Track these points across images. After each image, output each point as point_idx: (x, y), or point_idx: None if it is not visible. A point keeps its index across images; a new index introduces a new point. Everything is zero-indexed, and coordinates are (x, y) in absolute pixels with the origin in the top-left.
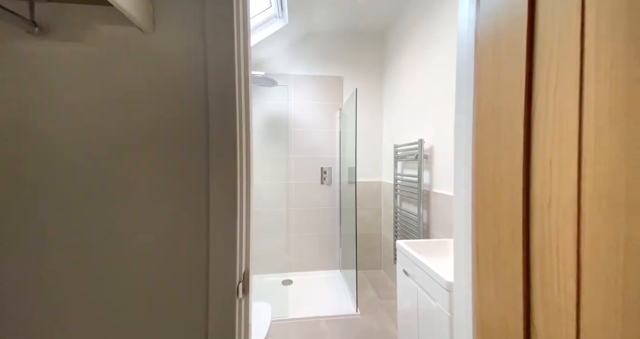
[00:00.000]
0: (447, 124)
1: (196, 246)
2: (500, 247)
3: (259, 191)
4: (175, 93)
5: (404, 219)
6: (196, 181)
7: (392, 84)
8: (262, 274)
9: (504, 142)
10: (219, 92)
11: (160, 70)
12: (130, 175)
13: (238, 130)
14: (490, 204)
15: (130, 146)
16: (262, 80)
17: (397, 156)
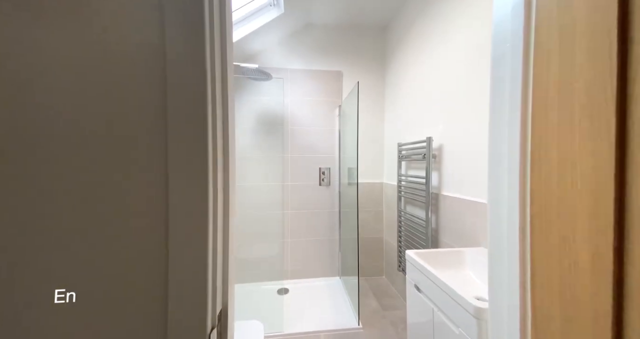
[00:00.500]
0: (459, 120)
1: (148, 279)
2: (574, 276)
3: (252, 193)
4: (126, 88)
5: (409, 223)
6: (147, 187)
7: (394, 79)
8: (256, 282)
9: (579, 136)
10: (182, 86)
11: (111, 65)
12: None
13: (211, 127)
14: (555, 218)
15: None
16: (256, 73)
17: (401, 156)
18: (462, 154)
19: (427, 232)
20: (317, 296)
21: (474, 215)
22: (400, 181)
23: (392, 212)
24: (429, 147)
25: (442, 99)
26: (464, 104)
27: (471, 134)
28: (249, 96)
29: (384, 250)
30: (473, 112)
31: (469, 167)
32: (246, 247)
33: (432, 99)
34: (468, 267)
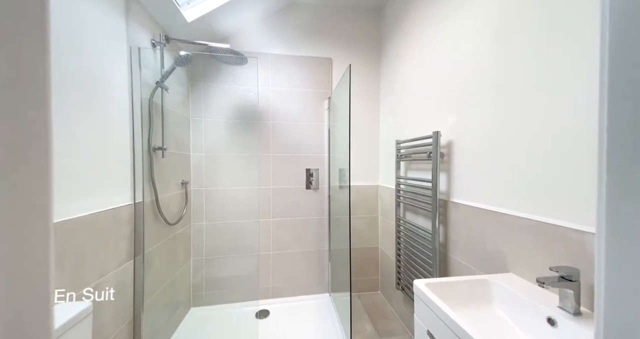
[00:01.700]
0: (477, 109)
1: None
2: None
3: (226, 199)
4: None
5: (411, 234)
6: None
7: (392, 67)
8: (230, 303)
9: None
10: None
11: None
12: None
13: None
14: None
15: None
16: (227, 55)
17: (400, 155)
18: (482, 151)
19: (433, 247)
20: (303, 318)
21: (499, 231)
22: (399, 185)
23: (389, 220)
24: (437, 144)
25: (453, 85)
26: (486, 88)
27: (495, 125)
28: (221, 83)
29: (380, 262)
30: (500, 97)
31: (491, 169)
32: (218, 262)
33: (439, 86)
34: (496, 303)
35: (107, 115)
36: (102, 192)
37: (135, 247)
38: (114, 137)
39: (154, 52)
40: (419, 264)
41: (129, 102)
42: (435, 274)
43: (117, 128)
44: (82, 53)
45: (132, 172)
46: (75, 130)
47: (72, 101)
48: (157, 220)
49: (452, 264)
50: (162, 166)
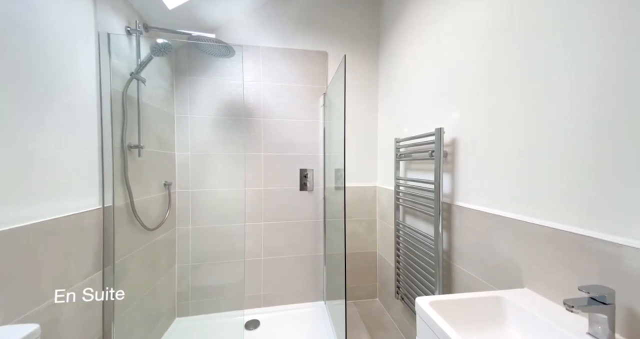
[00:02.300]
0: (485, 104)
1: None
2: None
3: (214, 201)
4: None
5: (411, 240)
6: None
7: (391, 62)
8: (219, 312)
9: None
10: None
11: None
12: None
13: None
14: None
15: None
16: (213, 46)
17: (400, 154)
18: (491, 150)
19: (436, 254)
20: (295, 328)
21: (513, 240)
22: (399, 186)
23: (388, 224)
24: (440, 142)
25: (458, 77)
26: (496, 79)
27: (507, 120)
28: (208, 77)
29: (378, 268)
30: (512, 89)
31: (502, 169)
32: (205, 269)
33: (442, 80)
34: (511, 326)
35: (69, 107)
36: (63, 196)
37: (104, 257)
38: (79, 132)
39: (129, 40)
40: (420, 273)
41: (97, 93)
42: (437, 284)
43: (82, 122)
44: (37, 36)
45: (100, 173)
46: (29, 123)
47: (22, 89)
48: (133, 225)
49: (457, 274)
50: (139, 165)
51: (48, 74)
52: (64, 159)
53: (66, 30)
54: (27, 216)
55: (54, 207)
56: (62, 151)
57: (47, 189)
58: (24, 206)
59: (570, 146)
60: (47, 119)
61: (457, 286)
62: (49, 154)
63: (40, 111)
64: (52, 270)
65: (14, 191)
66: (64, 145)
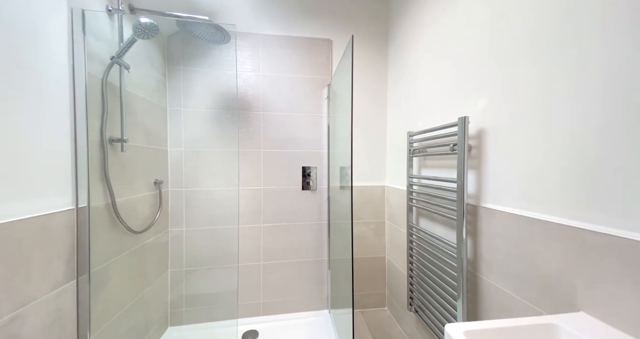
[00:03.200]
0: (522, 86)
1: None
2: None
3: (209, 202)
4: None
5: (426, 246)
6: None
7: (403, 48)
8: (215, 321)
9: None
10: None
11: None
12: None
13: None
14: None
15: None
16: (206, 30)
17: (413, 150)
18: (536, 140)
19: (459, 264)
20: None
21: (563, 250)
22: (412, 185)
23: (398, 227)
24: (463, 133)
25: (490, 56)
26: (531, 58)
27: (550, 104)
28: (204, 67)
29: (387, 274)
30: (558, 67)
31: (548, 165)
32: (200, 274)
33: (468, 61)
34: None
35: (36, 93)
36: (26, 195)
37: (78, 264)
38: (46, 122)
39: (111, 21)
40: (438, 283)
41: (69, 78)
42: (461, 298)
43: (51, 111)
44: None
45: (73, 169)
46: None
47: None
48: (116, 228)
49: (486, 289)
50: (123, 161)
51: (8, 52)
52: (26, 152)
53: (30, 2)
54: None
55: (13, 208)
56: (25, 141)
57: (4, 186)
58: None
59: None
60: (5, 105)
61: (486, 302)
62: (7, 145)
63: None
64: (10, 282)
65: None
66: (28, 135)
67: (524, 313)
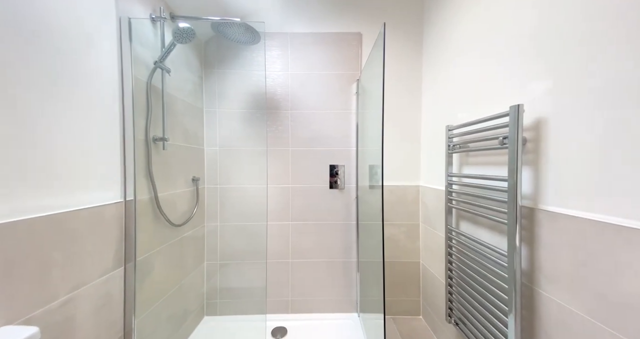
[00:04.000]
0: (599, 60)
1: None
2: None
3: (241, 198)
4: None
5: (470, 252)
6: None
7: (440, 35)
8: (246, 315)
9: None
10: None
11: None
12: None
13: None
14: None
15: None
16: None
17: (453, 145)
18: (608, 129)
19: (510, 275)
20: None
21: None
22: (451, 185)
23: (435, 230)
24: (517, 124)
25: (550, 31)
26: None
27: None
28: (236, 69)
29: (422, 281)
30: None
31: (627, 158)
32: (233, 268)
33: (522, 38)
34: None
35: (90, 96)
36: (81, 188)
37: (126, 253)
38: (99, 121)
39: (154, 28)
40: (484, 295)
41: (119, 82)
42: (513, 315)
43: (103, 111)
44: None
45: (122, 165)
46: (45, 111)
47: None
48: (158, 221)
49: (544, 305)
50: (164, 159)
51: (66, 60)
52: (82, 148)
53: (84, 13)
54: (39, 207)
55: (69, 200)
56: (81, 140)
57: (62, 180)
58: (35, 197)
59: None
60: (65, 108)
61: (546, 321)
62: (65, 143)
63: (56, 97)
64: (64, 267)
65: (25, 182)
66: (84, 133)
67: (599, 338)
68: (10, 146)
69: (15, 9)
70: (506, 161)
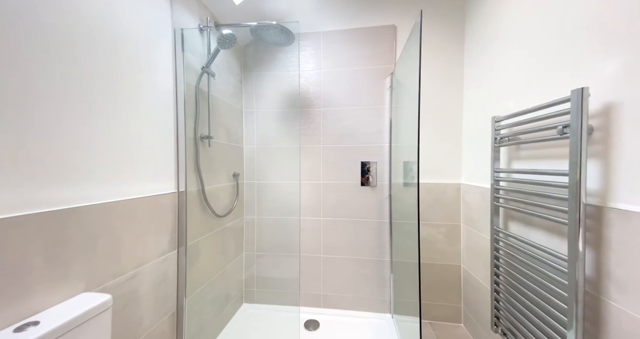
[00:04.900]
0: None
1: None
2: None
3: (277, 194)
4: None
5: (521, 255)
6: None
7: (487, 19)
8: (279, 305)
9: None
10: None
11: None
12: None
13: None
14: None
15: None
16: (274, 33)
17: (500, 138)
18: None
19: (571, 282)
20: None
21: None
22: (498, 181)
23: (479, 232)
24: (580, 111)
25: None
26: None
27: None
28: (272, 70)
29: (464, 286)
30: None
31: None
32: (268, 259)
33: (586, 10)
34: None
35: (151, 99)
36: (143, 179)
37: (179, 238)
38: (158, 121)
39: (202, 37)
40: (539, 304)
41: (173, 86)
42: (574, 328)
43: (162, 113)
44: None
45: (175, 160)
46: (112, 115)
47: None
48: (204, 211)
49: (615, 318)
50: (209, 155)
51: (132, 70)
52: (143, 146)
53: (146, 28)
54: (112, 193)
55: (135, 189)
56: (143, 138)
57: (130, 171)
58: (111, 185)
59: None
60: (134, 111)
61: (617, 338)
62: (131, 142)
63: (123, 102)
64: (132, 245)
65: (97, 174)
66: (145, 133)
67: None
68: (102, 146)
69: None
70: (566, 153)
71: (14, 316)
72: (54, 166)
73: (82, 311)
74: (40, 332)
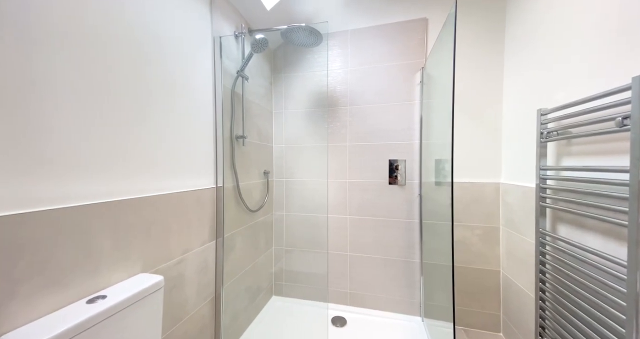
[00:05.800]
0: None
1: None
2: None
3: (306, 191)
4: None
5: (570, 260)
6: None
7: (536, 7)
8: (306, 299)
9: None
10: None
11: None
12: None
13: None
14: None
15: None
16: (303, 35)
17: (547, 132)
18: None
19: (631, 292)
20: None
21: None
22: (545, 180)
23: (521, 235)
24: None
25: None
26: None
27: None
28: (300, 71)
29: (503, 293)
30: None
31: None
32: (296, 255)
33: None
34: None
35: (193, 102)
36: (189, 175)
37: (217, 229)
38: (199, 122)
39: (237, 43)
40: (591, 314)
41: (212, 90)
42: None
43: (202, 114)
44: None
45: (214, 157)
46: (158, 116)
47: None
48: (239, 205)
49: None
50: (243, 153)
51: (179, 75)
52: (191, 146)
53: (192, 38)
54: (163, 187)
55: (182, 183)
56: (190, 139)
57: (178, 167)
58: (161, 180)
59: None
60: (181, 113)
61: None
62: (180, 142)
63: (176, 108)
64: (179, 234)
65: (156, 169)
66: (192, 134)
67: None
68: (149, 146)
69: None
70: (626, 148)
71: (86, 290)
72: (134, 161)
73: (141, 288)
74: (107, 304)
